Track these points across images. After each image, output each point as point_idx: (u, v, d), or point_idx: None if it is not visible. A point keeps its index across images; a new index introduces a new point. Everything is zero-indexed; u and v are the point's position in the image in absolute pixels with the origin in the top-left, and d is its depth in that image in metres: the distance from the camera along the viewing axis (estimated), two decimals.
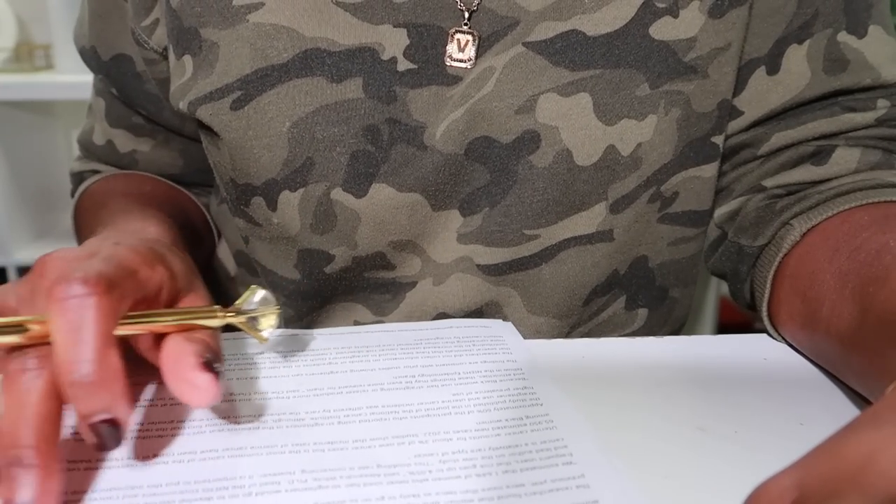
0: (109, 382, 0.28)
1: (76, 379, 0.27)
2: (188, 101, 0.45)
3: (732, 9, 0.44)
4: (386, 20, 0.43)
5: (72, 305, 0.28)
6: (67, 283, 0.28)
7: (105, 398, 0.28)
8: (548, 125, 0.43)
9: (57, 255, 0.32)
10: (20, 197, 1.58)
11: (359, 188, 0.44)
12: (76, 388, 0.27)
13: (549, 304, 0.48)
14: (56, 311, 0.28)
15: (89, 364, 0.27)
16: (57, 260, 0.32)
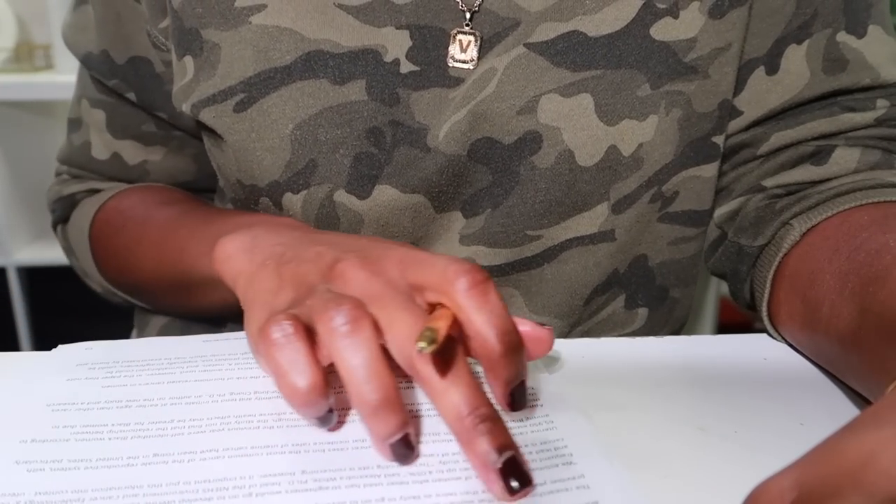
0: (522, 348, 0.32)
1: (506, 349, 0.30)
2: (191, 103, 0.45)
3: (732, 9, 0.44)
4: (388, 22, 0.43)
5: (480, 292, 0.31)
6: (468, 276, 0.31)
7: (522, 362, 0.32)
8: (549, 126, 0.43)
9: (358, 262, 0.33)
10: (20, 197, 1.58)
11: (362, 190, 0.44)
12: (504, 358, 0.30)
13: (550, 304, 0.48)
14: (471, 300, 0.31)
15: (513, 334, 0.31)
16: (368, 266, 0.33)
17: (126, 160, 0.57)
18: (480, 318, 0.31)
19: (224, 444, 0.32)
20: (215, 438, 0.32)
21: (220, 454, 0.31)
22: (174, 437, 0.32)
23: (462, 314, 0.31)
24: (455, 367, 0.30)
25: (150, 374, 0.38)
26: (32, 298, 1.58)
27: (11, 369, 0.39)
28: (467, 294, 0.31)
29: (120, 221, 0.54)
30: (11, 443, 0.32)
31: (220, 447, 0.32)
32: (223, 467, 0.30)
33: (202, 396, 0.36)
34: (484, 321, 0.31)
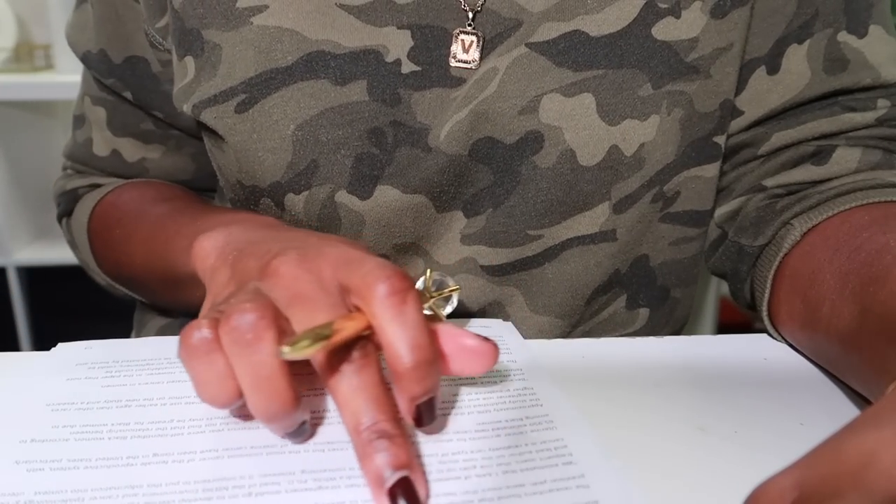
0: (435, 365, 0.30)
1: (411, 366, 0.29)
2: (192, 103, 0.45)
3: (734, 9, 0.44)
4: (390, 22, 0.43)
5: (397, 302, 0.30)
6: (389, 283, 0.30)
7: (434, 377, 0.30)
8: (551, 125, 0.43)
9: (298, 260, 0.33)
10: (20, 197, 1.58)
11: (363, 190, 0.44)
12: (415, 373, 0.30)
13: (551, 304, 0.48)
14: (386, 309, 0.30)
15: (424, 350, 0.30)
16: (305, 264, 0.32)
17: (125, 157, 0.57)
18: (392, 328, 0.30)
19: (224, 444, 0.32)
20: (215, 438, 0.32)
21: (220, 454, 0.31)
22: (174, 437, 0.32)
23: (374, 322, 0.30)
24: (362, 375, 0.30)
25: (150, 374, 0.38)
26: (32, 298, 1.58)
27: (11, 369, 0.39)
28: (382, 302, 0.30)
29: (116, 216, 0.54)
30: (11, 442, 0.32)
31: (220, 447, 0.32)
32: (223, 467, 0.30)
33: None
34: (394, 332, 0.30)
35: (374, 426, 0.29)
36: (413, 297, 0.30)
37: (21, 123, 1.59)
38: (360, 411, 0.29)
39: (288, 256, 0.33)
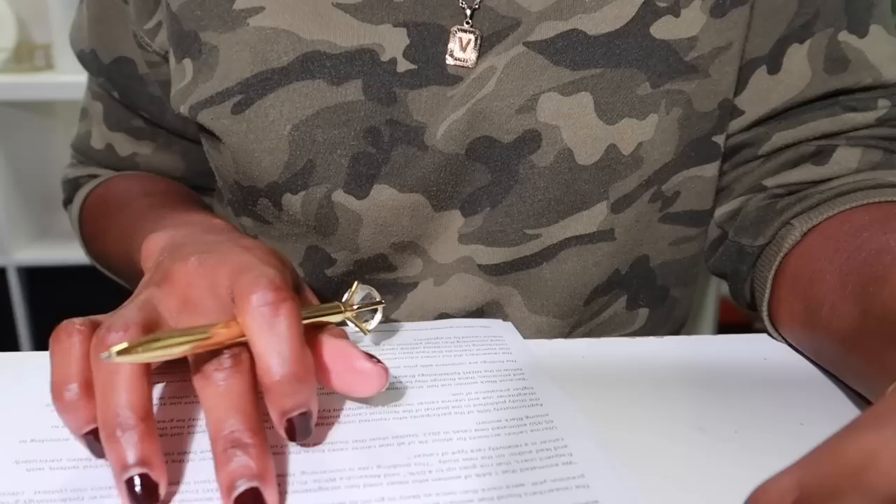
0: (308, 378, 0.30)
1: (280, 379, 0.29)
2: (189, 105, 0.45)
3: (734, 8, 0.44)
4: (386, 20, 0.43)
5: (268, 312, 0.30)
6: (260, 292, 0.30)
7: (305, 393, 0.30)
8: (549, 124, 0.43)
9: (195, 265, 0.33)
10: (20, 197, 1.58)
11: (360, 190, 0.44)
12: (282, 387, 0.29)
13: (550, 304, 0.48)
14: (254, 319, 0.30)
15: (293, 364, 0.29)
16: (200, 268, 0.33)
17: (118, 152, 0.58)
18: (261, 339, 0.29)
19: None
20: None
21: None
22: (174, 436, 0.32)
23: (246, 331, 0.30)
24: (229, 382, 0.29)
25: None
26: (32, 298, 1.58)
27: (11, 369, 0.39)
28: (254, 311, 0.30)
29: (103, 207, 0.56)
30: (11, 442, 0.32)
31: None
32: None
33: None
34: (264, 343, 0.29)
35: (231, 435, 0.28)
36: (287, 308, 0.30)
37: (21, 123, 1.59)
38: (221, 419, 0.29)
39: (186, 263, 0.33)
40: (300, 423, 0.30)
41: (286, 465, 0.30)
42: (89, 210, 0.58)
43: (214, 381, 0.29)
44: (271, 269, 0.32)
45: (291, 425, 0.30)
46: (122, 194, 0.55)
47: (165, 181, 0.59)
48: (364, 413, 0.34)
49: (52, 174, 1.67)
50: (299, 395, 0.30)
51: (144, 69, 0.53)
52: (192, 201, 0.55)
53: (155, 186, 0.56)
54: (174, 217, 0.45)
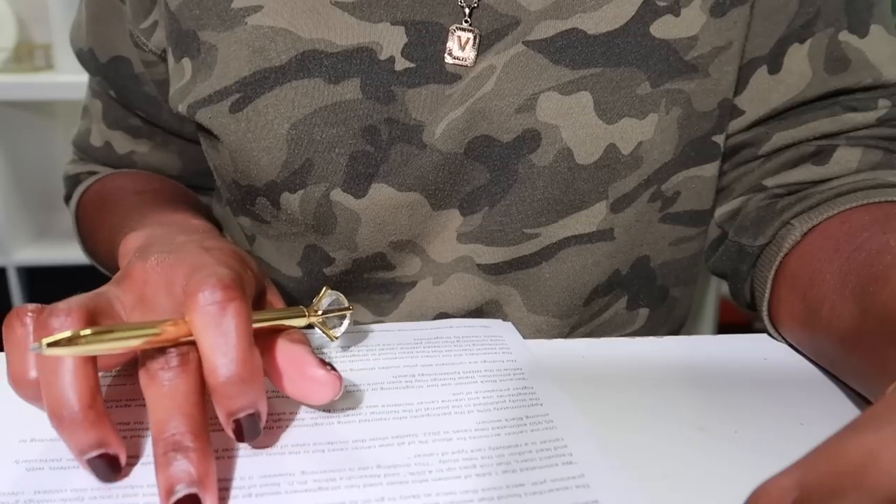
0: (255, 380, 0.30)
1: (226, 379, 0.29)
2: (187, 104, 0.45)
3: (734, 8, 0.44)
4: (384, 18, 0.43)
5: (216, 311, 0.29)
6: (208, 290, 0.29)
7: (251, 395, 0.30)
8: (548, 124, 0.43)
9: (157, 262, 0.33)
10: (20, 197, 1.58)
11: (358, 189, 0.44)
12: (227, 388, 0.29)
13: (549, 304, 0.48)
14: (201, 317, 0.29)
15: (238, 365, 0.29)
16: (159, 266, 0.33)
17: (116, 149, 0.59)
18: (206, 339, 0.29)
19: (224, 444, 0.32)
20: (215, 438, 0.32)
21: (219, 454, 0.31)
22: None
23: (193, 330, 0.29)
24: (174, 382, 0.29)
25: None
26: (32, 298, 1.58)
27: None
28: (201, 309, 0.29)
29: (97, 205, 0.56)
30: (11, 442, 0.32)
31: (219, 447, 0.32)
32: (223, 467, 0.30)
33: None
34: (209, 342, 0.29)
35: (173, 437, 0.28)
36: (235, 308, 0.29)
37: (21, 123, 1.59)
38: (163, 420, 0.28)
39: (146, 262, 0.33)
40: (248, 425, 0.30)
41: (286, 465, 0.30)
42: (85, 207, 0.58)
43: (159, 381, 0.29)
44: (224, 269, 0.31)
45: (239, 426, 0.30)
46: (115, 192, 0.55)
47: (160, 179, 0.59)
48: (364, 413, 0.34)
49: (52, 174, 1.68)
50: (246, 397, 0.29)
51: (140, 68, 0.53)
52: (181, 200, 0.55)
53: (148, 184, 0.57)
54: (156, 216, 0.45)
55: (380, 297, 0.49)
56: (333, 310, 0.38)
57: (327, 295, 0.37)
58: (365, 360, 0.39)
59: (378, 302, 0.49)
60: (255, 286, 0.35)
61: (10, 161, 1.55)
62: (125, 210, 0.50)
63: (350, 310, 0.38)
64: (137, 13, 0.49)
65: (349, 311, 0.38)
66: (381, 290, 0.49)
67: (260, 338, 0.33)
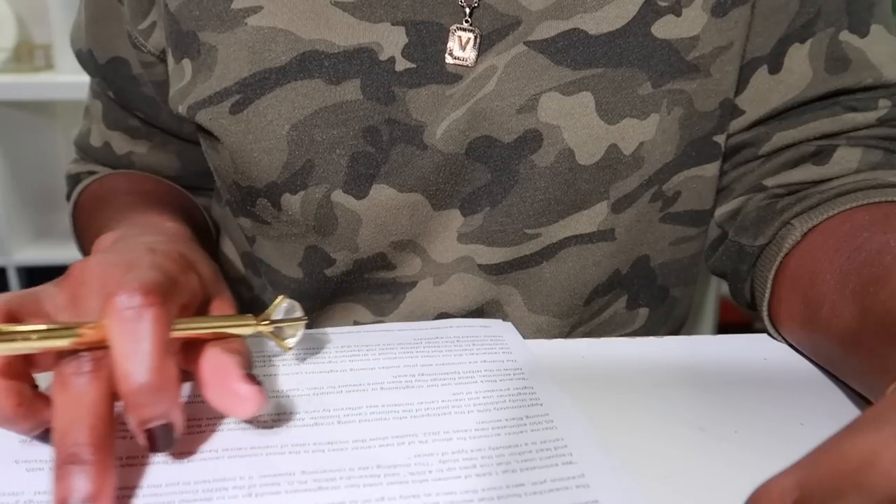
0: (168, 389, 0.29)
1: (137, 387, 0.28)
2: (187, 105, 0.45)
3: (735, 7, 0.44)
4: (384, 18, 0.43)
5: (132, 316, 0.29)
6: (127, 293, 0.29)
7: (164, 404, 0.29)
8: (550, 124, 0.43)
9: (95, 263, 0.33)
10: (20, 197, 1.58)
11: (359, 189, 0.44)
12: (138, 397, 0.28)
13: (549, 303, 0.48)
14: (116, 321, 0.29)
15: (151, 373, 0.28)
16: (96, 267, 0.32)
17: (115, 150, 0.59)
18: (119, 344, 0.28)
19: (224, 444, 0.32)
20: (215, 438, 0.32)
21: (219, 454, 0.31)
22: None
23: (107, 334, 0.29)
24: (82, 389, 0.28)
25: None
26: None
27: None
28: (115, 314, 0.28)
29: (90, 204, 0.56)
30: (11, 442, 0.32)
31: (219, 447, 0.32)
32: (223, 467, 0.30)
33: (201, 396, 0.36)
34: (121, 348, 0.28)
35: (71, 448, 0.27)
36: (153, 314, 0.29)
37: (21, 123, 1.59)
38: (66, 429, 0.28)
39: (87, 262, 0.33)
40: (160, 434, 0.29)
41: (286, 465, 0.30)
42: (80, 207, 0.58)
43: (69, 387, 0.28)
44: (152, 273, 0.31)
45: (151, 436, 0.29)
46: (109, 192, 0.55)
47: (154, 180, 0.59)
48: (364, 412, 0.34)
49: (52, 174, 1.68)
50: (158, 406, 0.29)
51: (139, 69, 0.53)
52: (169, 201, 0.54)
53: (141, 185, 0.57)
54: (135, 217, 0.45)
55: (380, 298, 0.49)
56: (287, 319, 0.37)
57: (282, 304, 0.36)
58: (365, 360, 0.39)
59: (378, 302, 0.49)
60: (197, 293, 0.34)
61: (10, 161, 1.55)
62: (113, 210, 0.50)
63: (305, 320, 0.37)
64: (135, 14, 0.49)
65: (304, 321, 0.37)
66: (382, 290, 0.49)
67: (194, 346, 0.33)
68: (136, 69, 0.53)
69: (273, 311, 0.36)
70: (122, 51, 0.53)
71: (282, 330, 0.36)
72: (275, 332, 0.36)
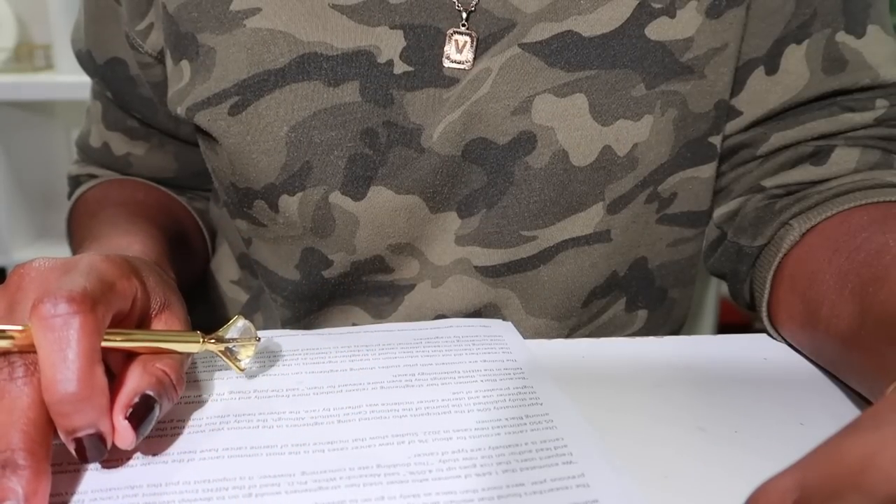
0: (95, 399, 0.28)
1: (61, 397, 0.28)
2: (186, 106, 0.45)
3: (730, 9, 0.44)
4: (382, 22, 0.43)
5: (57, 324, 0.28)
6: (52, 300, 0.28)
7: (90, 415, 0.28)
8: (544, 126, 0.43)
9: (34, 267, 0.32)
10: (20, 197, 1.58)
11: (357, 191, 0.44)
12: (62, 406, 0.28)
13: (547, 306, 0.48)
14: (41, 329, 0.28)
15: (75, 383, 0.28)
16: (35, 272, 0.32)
17: (113, 150, 0.59)
18: (43, 353, 0.28)
19: (224, 444, 0.32)
20: (215, 438, 0.32)
21: (219, 454, 0.31)
22: (174, 437, 0.32)
23: (34, 341, 0.28)
24: (14, 394, 0.28)
25: None
26: None
27: None
28: (41, 320, 0.28)
29: (82, 215, 0.56)
30: None
31: (219, 447, 0.32)
32: (223, 467, 0.30)
33: (201, 396, 0.36)
34: (46, 356, 0.28)
35: (5, 454, 0.27)
36: (79, 322, 0.28)
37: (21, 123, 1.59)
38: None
39: (27, 266, 0.32)
40: (89, 445, 0.29)
41: (286, 466, 0.30)
42: (73, 216, 0.58)
43: (2, 392, 0.28)
44: (87, 279, 0.30)
45: (80, 446, 0.29)
46: (100, 202, 0.55)
47: (145, 189, 0.59)
48: (364, 412, 0.34)
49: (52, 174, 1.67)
50: (83, 416, 0.28)
51: (136, 70, 0.53)
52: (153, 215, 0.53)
53: (132, 195, 0.57)
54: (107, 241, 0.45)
55: (378, 300, 0.49)
56: (238, 339, 0.36)
57: (237, 322, 0.36)
58: (365, 360, 0.39)
59: (377, 305, 0.49)
60: (138, 300, 0.33)
61: (10, 161, 1.55)
62: (97, 222, 0.50)
63: (258, 340, 0.37)
64: (133, 15, 0.49)
65: (257, 341, 0.36)
66: (380, 292, 0.48)
67: (128, 358, 0.32)
68: (133, 70, 0.53)
69: (226, 330, 0.36)
70: (120, 51, 0.53)
71: (236, 350, 0.36)
72: (226, 351, 0.36)
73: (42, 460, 0.27)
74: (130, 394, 0.31)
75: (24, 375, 0.29)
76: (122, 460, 0.31)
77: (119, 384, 0.31)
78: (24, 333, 0.29)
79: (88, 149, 0.60)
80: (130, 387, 0.31)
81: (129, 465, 0.31)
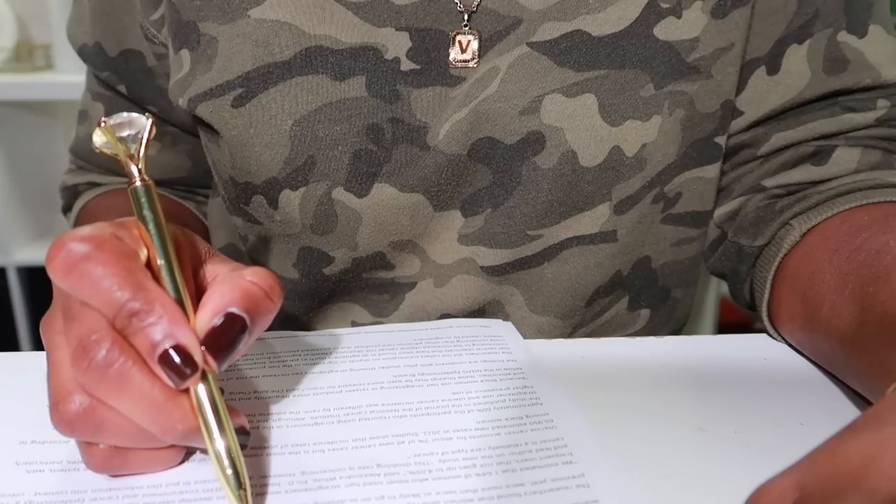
0: (156, 309, 0.28)
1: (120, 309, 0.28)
2: (188, 97, 0.45)
3: (735, 9, 0.44)
4: (388, 23, 0.43)
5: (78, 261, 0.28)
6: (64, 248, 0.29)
7: (160, 325, 0.28)
8: (553, 126, 0.43)
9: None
10: (20, 197, 1.58)
11: (360, 188, 0.44)
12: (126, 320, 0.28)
13: (551, 304, 0.48)
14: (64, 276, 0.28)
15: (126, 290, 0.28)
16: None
17: None
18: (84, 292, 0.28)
19: None
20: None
21: None
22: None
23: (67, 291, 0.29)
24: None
25: None
26: (32, 298, 1.58)
27: (11, 369, 0.39)
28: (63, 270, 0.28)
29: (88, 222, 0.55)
30: (11, 443, 0.32)
31: None
32: None
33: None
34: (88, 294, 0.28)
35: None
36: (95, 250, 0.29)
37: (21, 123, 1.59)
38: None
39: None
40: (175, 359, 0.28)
41: (286, 465, 0.30)
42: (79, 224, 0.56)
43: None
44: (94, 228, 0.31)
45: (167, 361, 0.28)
46: (106, 212, 0.54)
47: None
48: (364, 412, 0.34)
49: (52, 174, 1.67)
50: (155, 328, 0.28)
51: (153, 61, 0.52)
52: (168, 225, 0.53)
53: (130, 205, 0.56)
54: None
55: (378, 298, 0.49)
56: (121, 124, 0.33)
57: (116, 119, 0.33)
58: (365, 360, 0.39)
59: (377, 302, 0.49)
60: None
61: (10, 161, 1.55)
62: None
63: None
64: (147, 5, 0.48)
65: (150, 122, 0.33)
66: (380, 290, 0.48)
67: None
68: (150, 61, 0.52)
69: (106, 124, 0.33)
70: (135, 43, 0.51)
71: (123, 140, 0.33)
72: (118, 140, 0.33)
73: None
74: (209, 313, 0.29)
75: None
76: None
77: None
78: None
79: (92, 154, 0.58)
80: (210, 306, 0.30)
81: None
